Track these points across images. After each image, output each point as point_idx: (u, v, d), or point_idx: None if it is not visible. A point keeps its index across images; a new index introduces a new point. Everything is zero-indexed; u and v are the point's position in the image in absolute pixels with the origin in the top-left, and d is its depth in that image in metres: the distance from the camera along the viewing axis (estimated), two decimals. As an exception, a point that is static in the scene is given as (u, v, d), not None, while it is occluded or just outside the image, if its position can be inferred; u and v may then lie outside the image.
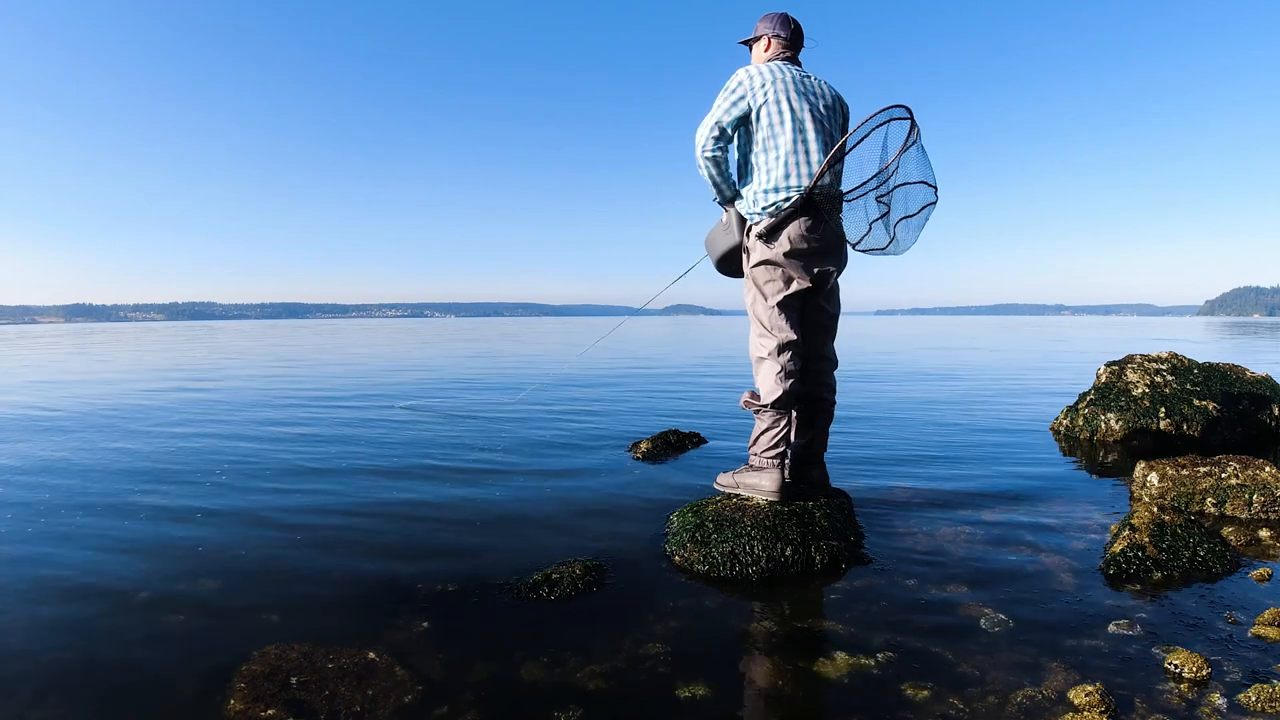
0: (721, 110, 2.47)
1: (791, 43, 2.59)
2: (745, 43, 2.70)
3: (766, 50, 2.60)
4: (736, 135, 2.54)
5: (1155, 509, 2.45)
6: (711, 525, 2.38)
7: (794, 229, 2.44)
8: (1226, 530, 2.57)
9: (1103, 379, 4.67)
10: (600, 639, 1.80)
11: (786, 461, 2.57)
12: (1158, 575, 2.16)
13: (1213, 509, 2.79)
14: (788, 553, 2.28)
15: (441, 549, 2.45)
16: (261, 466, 3.73)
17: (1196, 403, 4.24)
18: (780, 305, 2.51)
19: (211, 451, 4.13)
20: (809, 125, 2.44)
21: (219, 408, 6.05)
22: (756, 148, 2.47)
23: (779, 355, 2.51)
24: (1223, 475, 2.85)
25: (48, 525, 2.74)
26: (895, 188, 2.37)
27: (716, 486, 2.73)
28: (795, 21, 2.61)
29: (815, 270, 2.51)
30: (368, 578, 2.20)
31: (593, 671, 1.64)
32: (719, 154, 2.52)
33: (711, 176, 2.56)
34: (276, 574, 2.24)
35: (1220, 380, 4.43)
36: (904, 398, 6.53)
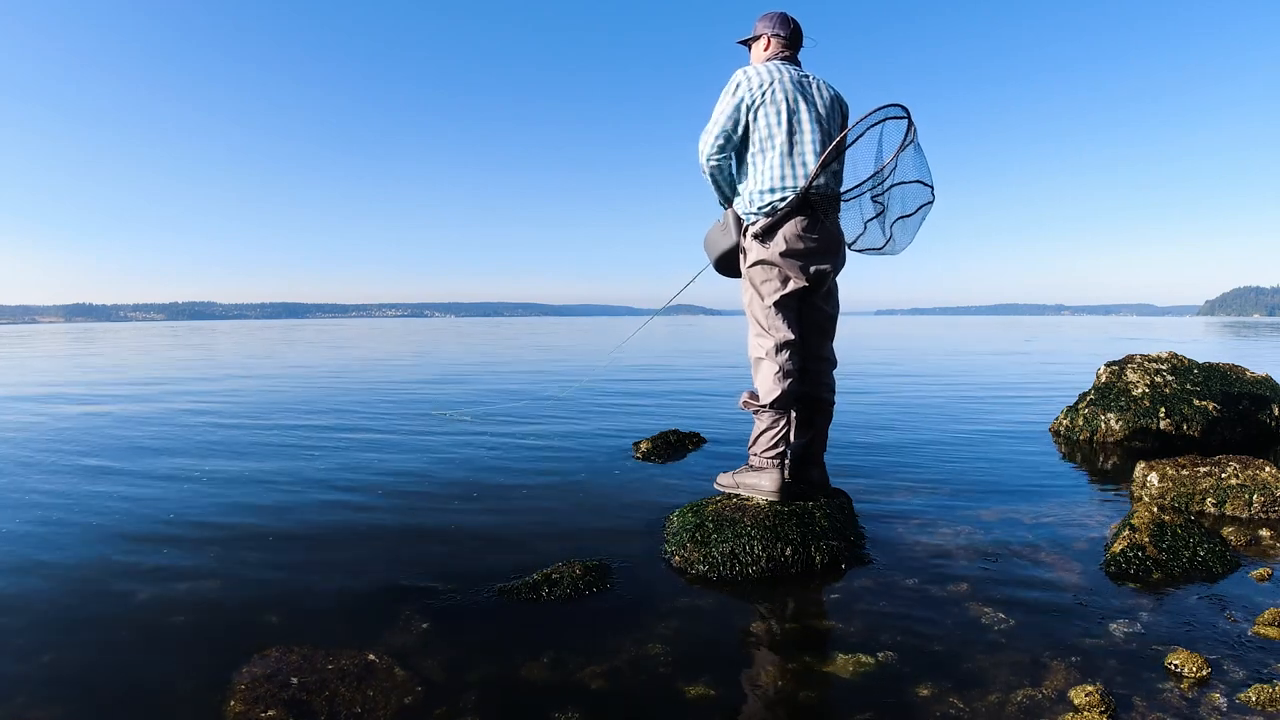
0: (724, 117, 2.47)
1: (790, 42, 2.59)
2: (744, 42, 2.70)
3: (766, 49, 2.60)
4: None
5: (1155, 509, 2.45)
6: (711, 525, 2.38)
7: (790, 229, 2.44)
8: (1226, 530, 2.57)
9: (1103, 379, 4.67)
10: (601, 639, 1.80)
11: (786, 461, 2.57)
12: (1158, 575, 2.16)
13: (1213, 509, 2.79)
14: (788, 553, 2.28)
15: (441, 549, 2.45)
16: (260, 467, 3.73)
17: (1196, 403, 4.24)
18: (777, 305, 2.51)
19: (211, 452, 4.13)
20: (806, 125, 2.43)
21: (232, 405, 6.05)
22: (754, 148, 2.47)
23: (777, 355, 2.51)
24: (1223, 475, 2.85)
25: (45, 527, 2.74)
26: (891, 187, 2.37)
27: (716, 487, 2.73)
28: (794, 20, 2.60)
29: (812, 270, 2.50)
30: (368, 579, 2.19)
31: (593, 672, 1.64)
32: (724, 162, 2.53)
33: (715, 182, 2.59)
34: (276, 575, 2.24)
35: (1220, 380, 4.43)
36: (904, 398, 6.53)
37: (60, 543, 2.55)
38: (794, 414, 2.64)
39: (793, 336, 2.53)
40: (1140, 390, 4.41)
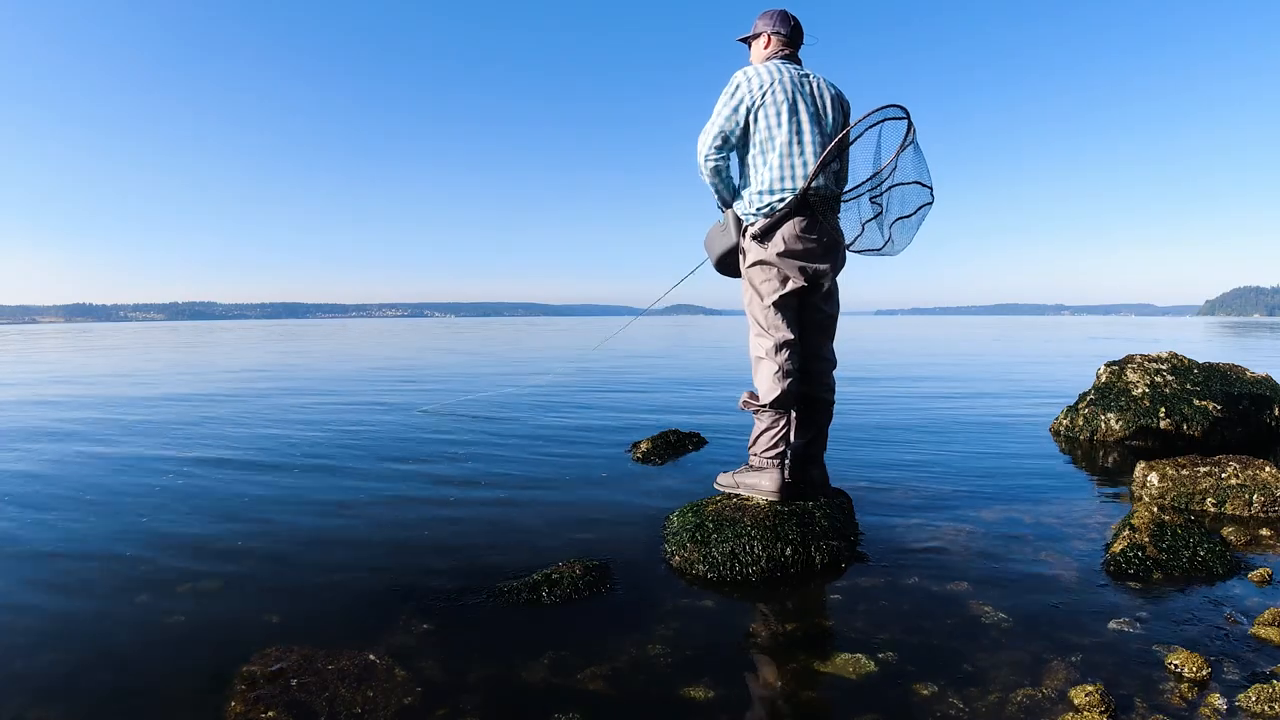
0: (723, 118, 2.46)
1: (791, 40, 2.58)
2: (744, 40, 2.69)
3: (766, 48, 2.59)
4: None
5: (1155, 509, 2.45)
6: (711, 525, 2.38)
7: (789, 229, 2.44)
8: (1226, 530, 2.57)
9: (1103, 379, 4.67)
10: (601, 640, 1.80)
11: (786, 461, 2.57)
12: (1158, 575, 2.16)
13: (1213, 509, 2.79)
14: (788, 553, 2.28)
15: (441, 550, 2.45)
16: (259, 466, 3.73)
17: (1197, 403, 4.24)
18: (776, 305, 2.51)
19: (209, 450, 4.13)
20: (806, 126, 2.43)
21: (230, 405, 6.05)
22: (754, 149, 2.47)
23: (776, 354, 2.51)
24: (1223, 475, 2.85)
25: (45, 527, 2.74)
26: (890, 188, 2.36)
27: (716, 487, 2.73)
28: (795, 18, 2.59)
29: (811, 270, 2.50)
30: (368, 579, 2.19)
31: (593, 673, 1.64)
32: (722, 163, 2.53)
33: (714, 184, 2.59)
34: (276, 575, 2.24)
35: (1220, 380, 4.43)
36: (903, 398, 6.53)
37: (58, 544, 2.55)
38: (794, 414, 2.64)
39: (792, 336, 2.53)
40: (1140, 390, 4.41)
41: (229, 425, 5.14)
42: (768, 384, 2.52)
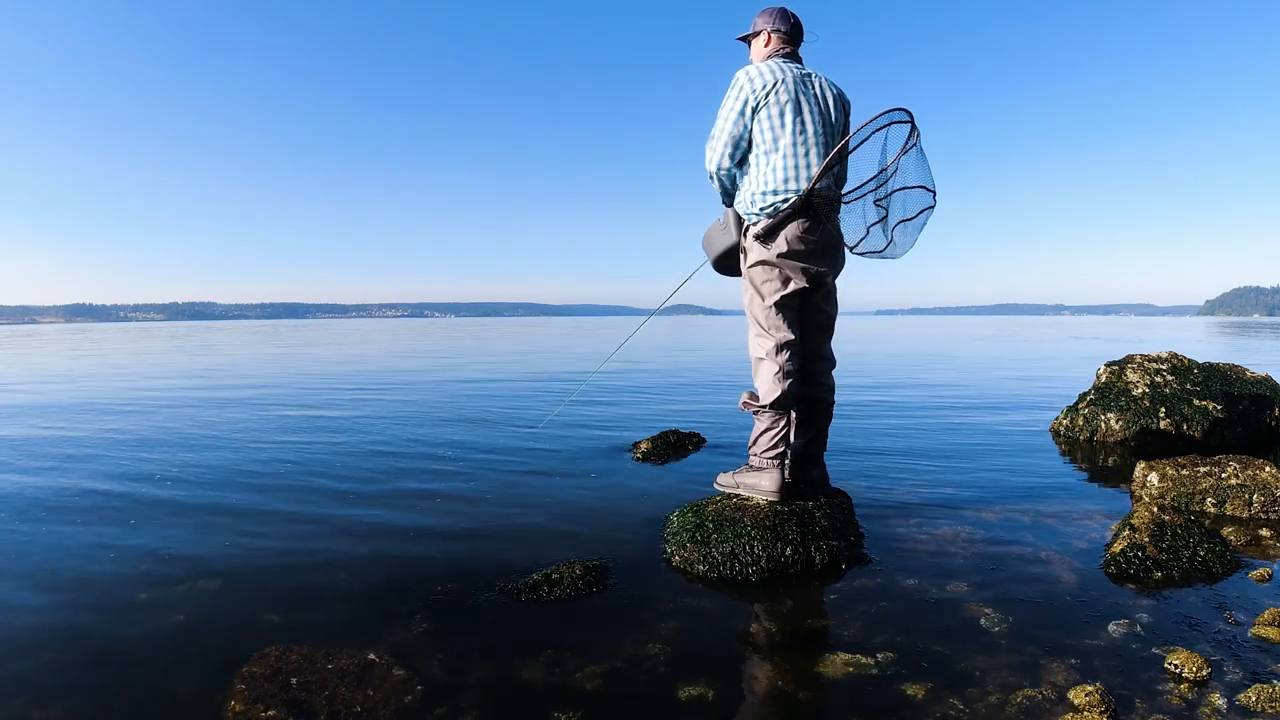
0: (730, 123, 2.46)
1: (791, 37, 2.56)
2: (744, 38, 2.68)
3: (766, 46, 2.58)
4: None
5: (1155, 509, 2.45)
6: (711, 525, 2.38)
7: (792, 230, 2.44)
8: (1226, 530, 2.57)
9: (1103, 379, 4.67)
10: (600, 639, 1.80)
11: (786, 461, 2.57)
12: (1158, 575, 2.16)
13: (1213, 509, 2.79)
14: (788, 553, 2.28)
15: (441, 549, 2.45)
16: (259, 465, 3.73)
17: (1197, 403, 4.24)
18: (778, 305, 2.51)
19: (210, 449, 4.13)
20: (809, 126, 2.43)
21: (215, 403, 6.05)
22: (757, 149, 2.47)
23: (777, 355, 2.51)
24: (1223, 475, 2.85)
25: (47, 526, 2.74)
26: (893, 191, 2.36)
27: (716, 487, 2.73)
28: (795, 15, 2.57)
29: (813, 271, 2.50)
30: (368, 578, 2.19)
31: (593, 672, 1.64)
32: (734, 169, 2.53)
33: (724, 188, 2.60)
34: (277, 574, 2.24)
35: (1220, 380, 4.43)
36: (903, 398, 6.53)
37: (58, 544, 2.55)
38: (794, 414, 2.64)
39: (793, 337, 2.53)
40: (1140, 390, 4.40)
41: (228, 426, 5.14)
42: (768, 384, 2.51)
